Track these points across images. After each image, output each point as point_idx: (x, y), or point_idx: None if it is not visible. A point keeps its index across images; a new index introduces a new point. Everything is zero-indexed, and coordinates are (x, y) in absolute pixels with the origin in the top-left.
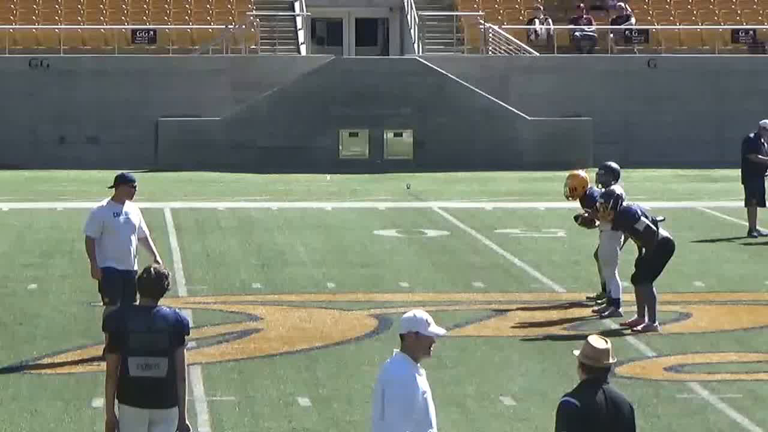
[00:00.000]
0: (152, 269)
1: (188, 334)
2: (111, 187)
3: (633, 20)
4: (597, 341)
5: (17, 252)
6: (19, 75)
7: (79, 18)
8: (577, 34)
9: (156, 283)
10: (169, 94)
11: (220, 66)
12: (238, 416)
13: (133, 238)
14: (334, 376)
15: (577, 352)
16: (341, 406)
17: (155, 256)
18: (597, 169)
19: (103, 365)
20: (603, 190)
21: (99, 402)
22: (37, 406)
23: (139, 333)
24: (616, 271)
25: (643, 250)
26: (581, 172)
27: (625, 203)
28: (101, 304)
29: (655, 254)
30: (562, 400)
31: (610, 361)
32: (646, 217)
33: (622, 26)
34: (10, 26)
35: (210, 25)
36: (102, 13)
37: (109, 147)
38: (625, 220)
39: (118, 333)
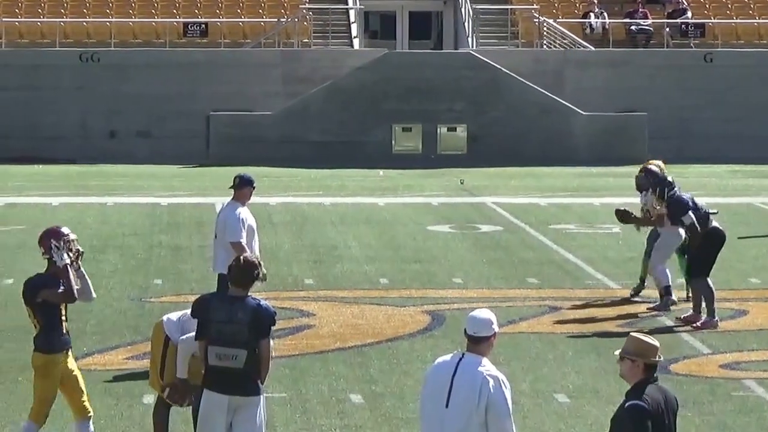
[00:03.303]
0: (242, 258)
1: (272, 325)
2: (231, 188)
3: (689, 14)
4: (645, 337)
5: None
6: (69, 69)
7: (130, 11)
8: (632, 27)
9: (244, 273)
10: (220, 88)
11: (272, 60)
12: (290, 413)
13: (254, 242)
14: (387, 372)
15: (618, 353)
16: (394, 403)
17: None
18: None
19: None
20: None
21: (150, 398)
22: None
23: (220, 323)
24: (666, 262)
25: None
26: (653, 166)
27: (678, 193)
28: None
29: (704, 246)
30: (632, 404)
31: (658, 358)
32: (698, 209)
33: (678, 20)
34: (61, 20)
35: (262, 18)
36: (153, 7)
37: (160, 141)
38: (675, 210)
39: (202, 322)
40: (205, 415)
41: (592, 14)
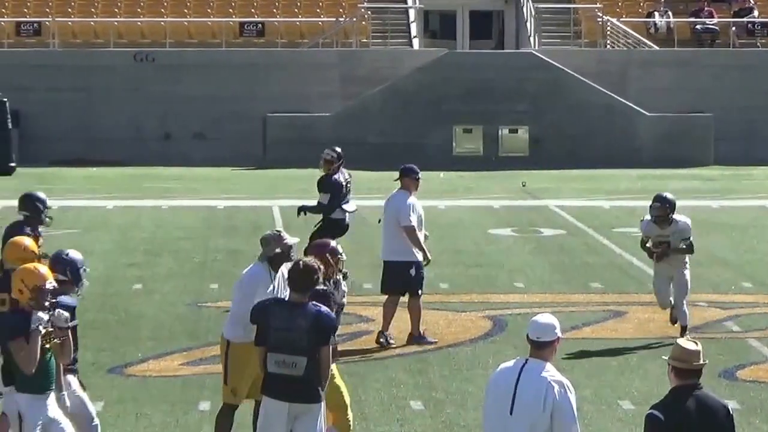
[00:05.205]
0: (301, 263)
1: (333, 333)
2: (396, 180)
3: (756, 13)
4: (686, 343)
5: (122, 251)
6: (123, 69)
7: (186, 11)
8: (698, 27)
9: (303, 278)
10: (277, 89)
11: (329, 60)
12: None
13: (421, 233)
14: (448, 379)
15: (665, 358)
16: (454, 410)
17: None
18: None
19: (209, 367)
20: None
21: (206, 405)
22: (143, 409)
23: (279, 330)
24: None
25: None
26: None
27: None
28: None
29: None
30: (648, 413)
31: (701, 362)
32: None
33: (745, 19)
34: (115, 19)
35: (320, 18)
36: (209, 6)
37: (216, 143)
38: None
39: (260, 328)
40: (264, 422)
41: (656, 13)
